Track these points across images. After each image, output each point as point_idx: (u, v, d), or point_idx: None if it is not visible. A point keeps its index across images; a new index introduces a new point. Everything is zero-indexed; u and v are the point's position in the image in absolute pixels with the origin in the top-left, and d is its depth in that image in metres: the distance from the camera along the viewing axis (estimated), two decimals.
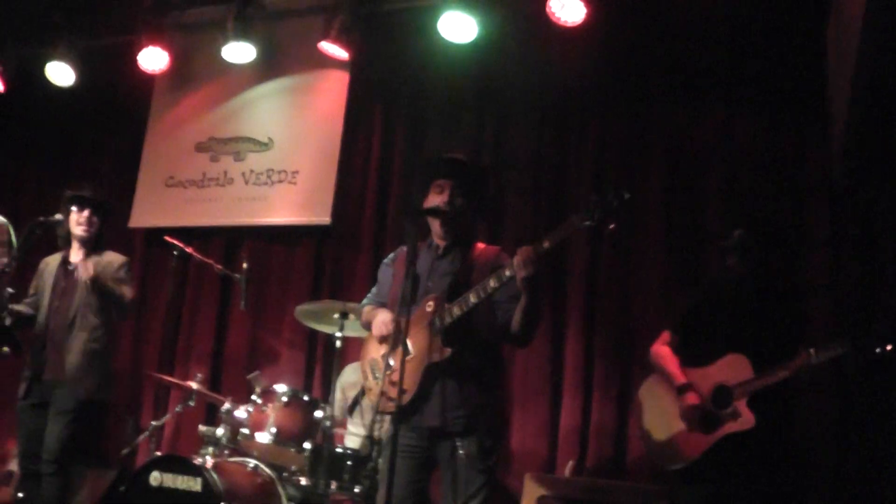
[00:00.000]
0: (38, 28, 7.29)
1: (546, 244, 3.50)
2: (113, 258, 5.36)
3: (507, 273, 3.56)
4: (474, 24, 5.88)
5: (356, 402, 5.46)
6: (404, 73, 6.51)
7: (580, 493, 4.89)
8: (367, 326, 4.18)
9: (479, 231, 4.33)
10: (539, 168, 6.07)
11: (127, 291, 5.26)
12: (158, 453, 5.43)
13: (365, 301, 4.30)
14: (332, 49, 6.40)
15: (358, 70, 6.61)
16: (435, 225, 3.95)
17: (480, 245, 4.01)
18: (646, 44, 5.88)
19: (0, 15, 7.33)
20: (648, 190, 5.71)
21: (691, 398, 4.06)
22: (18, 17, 7.36)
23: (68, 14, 7.21)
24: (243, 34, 6.62)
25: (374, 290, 4.28)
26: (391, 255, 4.23)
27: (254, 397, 5.22)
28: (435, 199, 3.92)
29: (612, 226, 3.40)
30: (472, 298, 3.65)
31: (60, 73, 7.19)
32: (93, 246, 5.30)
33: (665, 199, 5.68)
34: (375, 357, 3.97)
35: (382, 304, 4.12)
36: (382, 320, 3.89)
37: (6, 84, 7.43)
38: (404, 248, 4.08)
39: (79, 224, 5.24)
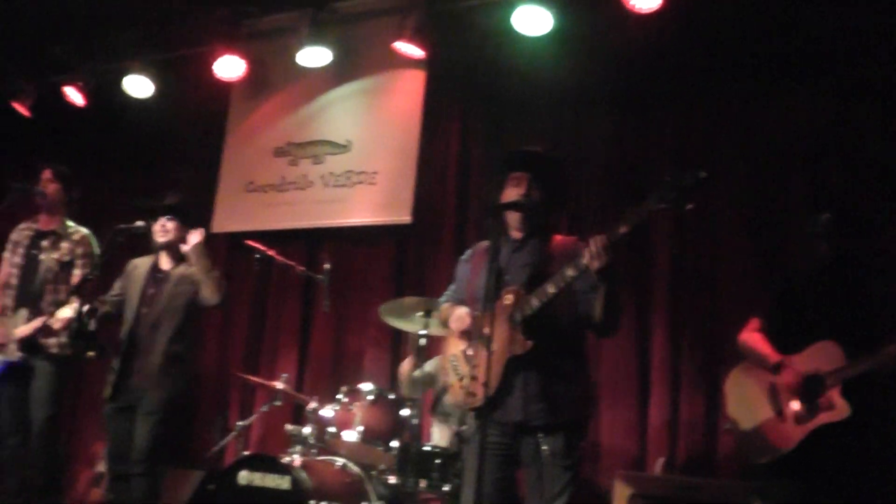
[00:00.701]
0: (115, 44, 7.54)
1: (621, 230, 3.46)
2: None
3: (584, 261, 3.53)
4: (549, 17, 5.89)
5: (438, 400, 5.49)
6: (480, 69, 6.53)
7: (671, 491, 4.83)
8: (445, 324, 4.21)
9: (559, 224, 4.33)
10: (619, 159, 6.05)
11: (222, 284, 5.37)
12: (246, 453, 5.53)
13: (443, 299, 4.33)
14: (408, 48, 6.47)
15: (434, 68, 6.65)
16: (512, 218, 3.95)
17: (558, 236, 4.00)
18: (724, 28, 5.79)
19: (79, 33, 7.62)
20: (732, 178, 5.64)
21: (788, 374, 3.99)
22: (96, 34, 7.61)
23: (144, 29, 7.44)
24: (318, 38, 6.75)
25: (451, 287, 4.30)
26: (468, 252, 4.24)
27: (339, 396, 5.28)
28: (512, 193, 3.91)
29: (689, 206, 3.35)
30: (551, 289, 3.63)
31: (138, 86, 7.44)
32: (179, 253, 5.44)
33: (748, 186, 5.60)
34: (456, 353, 3.99)
35: (461, 302, 4.13)
36: (459, 315, 3.91)
37: (87, 99, 7.70)
38: (482, 244, 4.13)
39: (158, 231, 5.40)
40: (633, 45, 5.98)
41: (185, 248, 5.30)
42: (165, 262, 5.45)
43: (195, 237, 5.29)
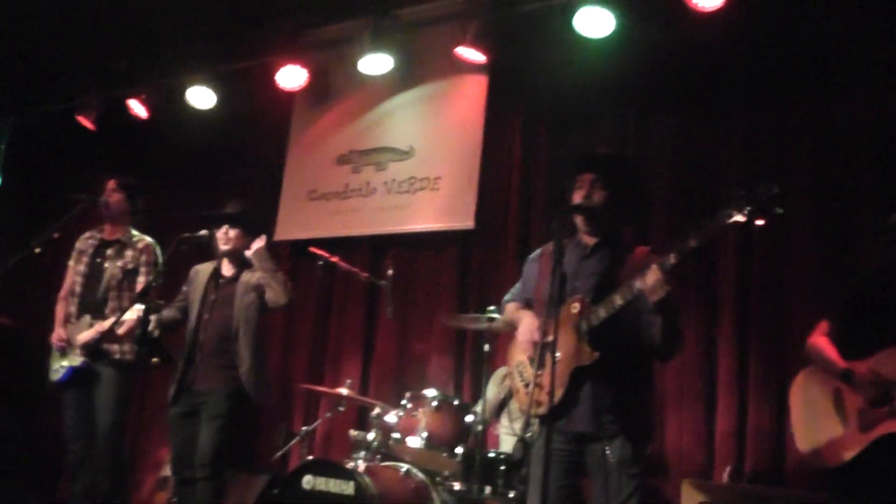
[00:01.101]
0: (178, 57, 7.70)
1: (672, 259, 3.41)
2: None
3: (637, 285, 3.50)
4: (611, 18, 5.86)
5: (503, 404, 5.48)
6: (543, 73, 6.50)
7: (739, 501, 4.76)
8: (512, 325, 4.18)
9: (627, 228, 4.26)
10: (685, 161, 5.95)
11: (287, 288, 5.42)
12: (311, 457, 5.56)
13: (508, 297, 4.30)
14: (469, 53, 6.48)
15: (496, 73, 6.66)
16: (579, 222, 3.91)
17: (639, 247, 3.95)
18: (790, 26, 5.66)
19: (142, 47, 7.80)
20: (800, 179, 5.51)
21: (855, 381, 3.88)
22: (159, 47, 7.79)
23: (207, 41, 7.58)
24: (379, 46, 6.80)
25: (517, 285, 4.28)
26: (537, 251, 4.20)
27: (404, 402, 5.29)
28: (576, 196, 3.88)
29: (760, 222, 3.27)
30: (618, 300, 3.58)
31: (201, 98, 7.59)
32: (242, 260, 5.49)
33: (817, 189, 5.46)
34: (522, 359, 3.96)
35: (527, 301, 4.12)
36: (528, 328, 3.87)
37: (150, 111, 7.86)
38: (548, 244, 4.09)
39: (220, 239, 5.47)
40: (696, 45, 5.89)
41: (248, 253, 5.37)
42: (227, 269, 5.53)
43: (258, 242, 5.36)
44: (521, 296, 4.20)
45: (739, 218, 3.28)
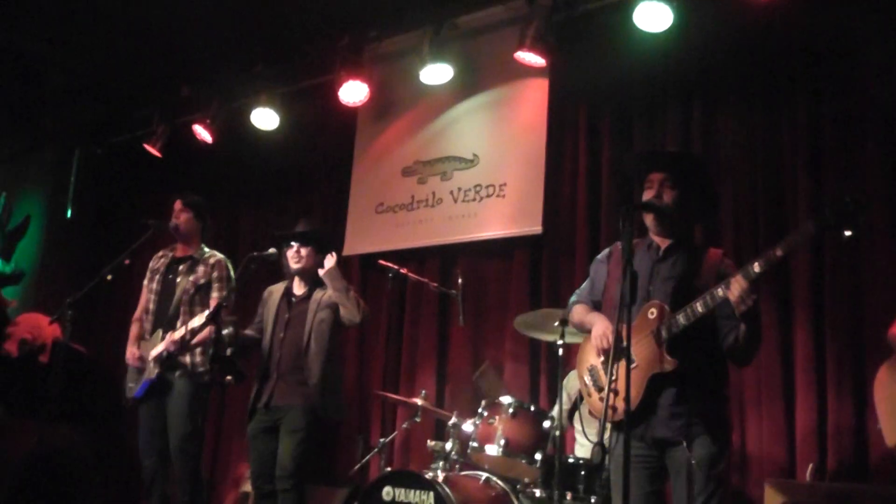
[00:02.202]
0: (239, 80, 7.86)
1: (756, 268, 3.41)
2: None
3: (720, 293, 3.49)
4: (669, 12, 5.82)
5: (574, 408, 5.44)
6: (604, 72, 6.48)
7: (823, 499, 4.66)
8: (579, 327, 4.17)
9: (698, 227, 4.21)
10: (750, 155, 5.84)
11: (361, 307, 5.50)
12: (389, 469, 5.58)
13: (574, 298, 4.29)
14: (529, 57, 6.49)
15: (557, 75, 6.66)
16: (649, 222, 3.90)
17: (712, 249, 3.92)
18: (854, 12, 5.52)
19: (203, 73, 8.00)
20: (871, 173, 5.38)
21: None
22: (220, 72, 7.97)
23: (267, 63, 7.71)
24: (440, 55, 6.86)
25: (584, 286, 4.27)
26: (605, 251, 4.19)
27: (480, 410, 5.29)
28: (645, 195, 3.87)
29: (848, 233, 3.23)
30: (700, 308, 3.57)
31: (265, 119, 7.71)
32: (313, 278, 5.57)
33: (889, 180, 5.33)
34: (595, 364, 3.95)
35: (595, 303, 4.12)
36: (602, 332, 3.85)
37: (214, 135, 8.04)
38: (618, 244, 4.05)
39: (291, 258, 5.58)
40: (756, 35, 5.82)
41: (321, 272, 5.43)
42: (299, 288, 5.64)
43: (329, 262, 5.42)
44: (588, 297, 4.19)
45: (827, 229, 3.26)
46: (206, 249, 6.16)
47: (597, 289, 4.12)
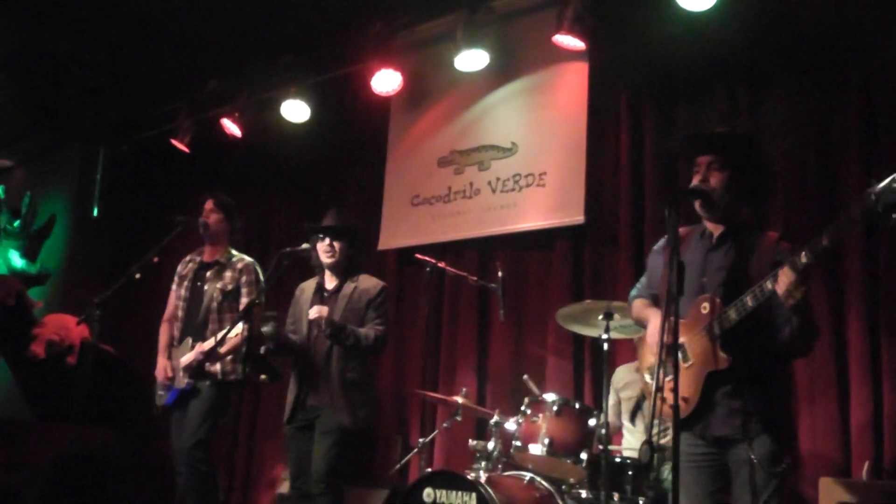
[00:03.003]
0: (269, 72, 7.91)
1: (803, 258, 3.35)
2: (369, 285, 5.62)
3: (769, 286, 3.45)
4: None
5: (638, 407, 5.42)
6: (646, 54, 6.41)
7: (880, 498, 4.56)
8: (640, 323, 4.15)
9: (749, 212, 4.12)
10: (800, 136, 5.75)
11: (371, 331, 5.43)
12: (430, 470, 5.58)
13: (634, 293, 4.27)
14: (568, 41, 6.46)
15: (596, 58, 6.62)
16: (698, 208, 3.85)
17: (771, 233, 3.87)
18: None
19: (231, 65, 8.06)
20: None
21: None
22: (248, 64, 8.03)
23: (296, 53, 7.77)
24: (474, 41, 6.84)
25: (643, 279, 4.25)
26: (662, 241, 4.14)
27: (523, 408, 5.27)
28: (694, 179, 3.82)
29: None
30: (750, 303, 3.53)
31: (295, 111, 7.76)
32: (345, 271, 5.58)
33: None
34: (654, 362, 3.87)
35: (654, 297, 4.10)
36: (655, 329, 3.82)
37: (243, 129, 8.08)
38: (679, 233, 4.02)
39: (323, 252, 5.57)
40: (806, 11, 5.72)
41: (313, 315, 5.44)
42: (330, 281, 5.65)
43: (315, 313, 5.42)
44: (647, 291, 4.17)
45: (872, 214, 3.17)
46: (234, 253, 6.21)
47: (654, 281, 4.09)
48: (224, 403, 5.94)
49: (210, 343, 5.66)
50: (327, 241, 5.55)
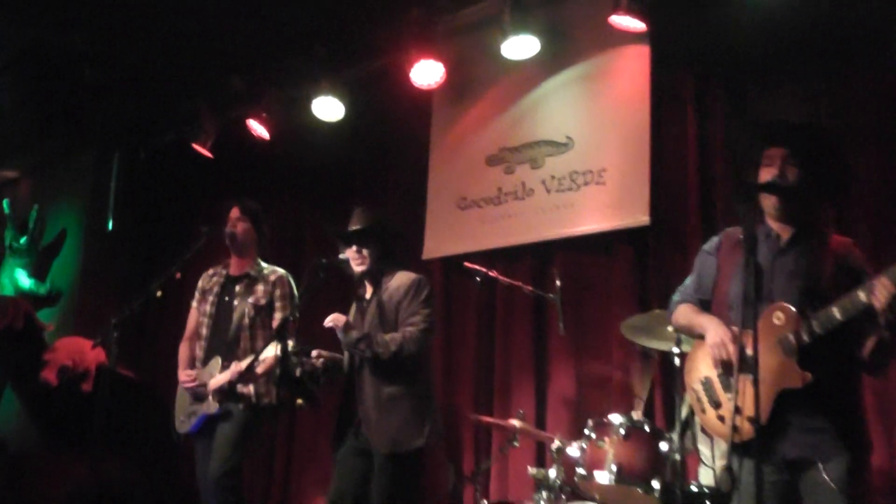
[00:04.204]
0: (297, 66, 7.98)
1: None
2: (401, 281, 5.46)
3: (863, 298, 3.46)
4: None
5: (686, 426, 5.42)
6: (714, 34, 6.40)
7: None
8: (686, 331, 4.20)
9: (829, 213, 4.14)
10: (887, 126, 5.72)
11: (399, 334, 5.26)
12: (485, 501, 5.63)
13: (677, 297, 4.30)
14: (626, 21, 6.51)
15: (658, 40, 6.65)
16: (769, 206, 3.89)
17: (836, 237, 3.90)
18: None
19: (256, 61, 8.15)
20: None
21: None
22: (275, 59, 8.11)
23: (328, 45, 7.81)
24: (522, 26, 6.88)
25: (688, 282, 4.27)
26: (713, 241, 4.19)
27: (587, 431, 5.29)
28: (765, 174, 3.86)
29: None
30: (838, 315, 3.54)
31: (328, 108, 7.85)
32: (379, 276, 5.54)
33: None
34: (709, 376, 3.95)
35: (703, 302, 4.12)
36: (720, 340, 3.83)
37: (272, 130, 8.20)
38: (731, 232, 4.07)
39: (353, 261, 5.48)
40: None
41: (328, 323, 5.36)
42: (368, 290, 5.58)
43: (332, 322, 5.32)
44: (694, 295, 4.19)
45: None
46: (264, 265, 6.28)
47: (704, 285, 4.12)
48: (257, 429, 6.00)
49: (247, 362, 5.66)
50: (354, 247, 5.48)
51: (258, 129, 8.24)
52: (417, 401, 5.35)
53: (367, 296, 5.55)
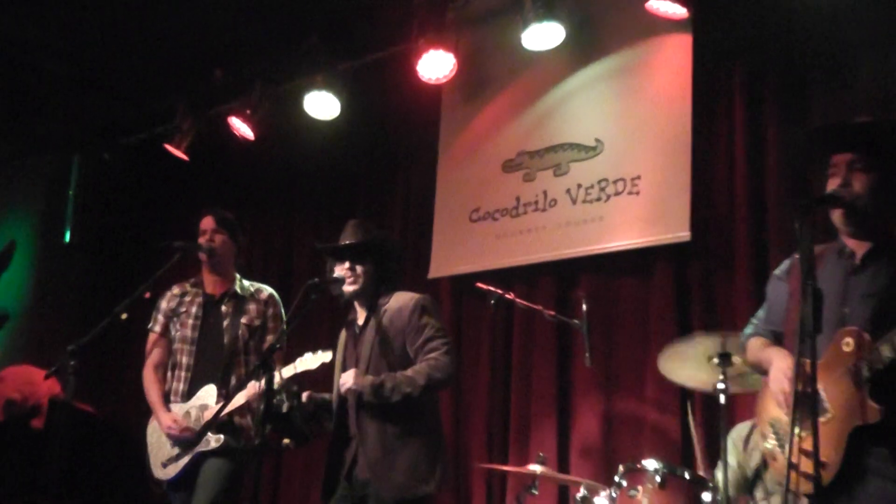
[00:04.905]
0: (288, 58, 8.00)
1: None
2: (400, 303, 5.41)
3: None
4: None
5: (757, 476, 5.41)
6: (767, 20, 6.43)
7: None
8: (756, 368, 4.18)
9: None
10: None
11: (424, 366, 5.19)
12: None
13: (749, 330, 4.30)
14: (665, 6, 6.55)
15: (703, 28, 6.66)
16: (837, 221, 3.87)
17: None
18: None
19: (241, 51, 8.17)
20: None
21: None
22: (263, 49, 8.15)
23: (325, 34, 7.82)
24: (546, 12, 6.90)
25: (760, 313, 4.27)
26: (785, 264, 4.18)
27: (617, 478, 5.27)
28: (830, 184, 3.84)
29: None
30: None
31: (322, 105, 7.88)
32: (374, 298, 5.48)
33: None
34: (778, 416, 3.93)
35: (775, 334, 4.11)
36: (782, 373, 3.83)
37: (257, 130, 8.21)
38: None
39: (346, 279, 5.42)
40: None
41: (342, 387, 5.30)
42: (360, 315, 5.52)
43: (347, 379, 5.23)
44: (765, 327, 4.19)
45: None
46: (247, 282, 6.30)
47: (775, 315, 4.12)
48: (242, 471, 5.98)
49: (250, 392, 5.65)
50: (347, 263, 5.42)
51: (242, 128, 8.26)
52: (428, 440, 5.30)
53: (361, 321, 5.50)
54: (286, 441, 5.54)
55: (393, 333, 5.31)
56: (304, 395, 5.37)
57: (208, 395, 5.96)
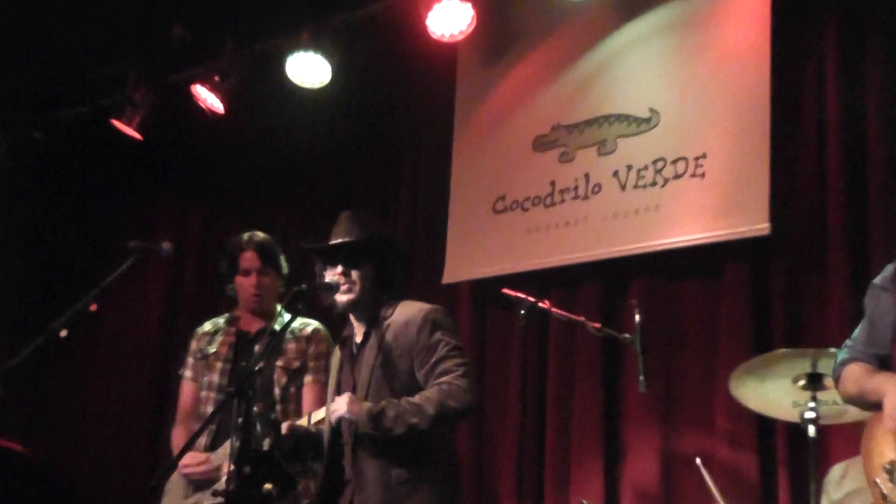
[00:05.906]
0: (267, 10, 8.02)
1: None
2: (406, 316, 5.36)
3: None
4: None
5: None
6: None
7: None
8: (858, 401, 4.16)
9: None
10: None
11: (435, 392, 5.11)
12: None
13: (844, 354, 4.27)
14: None
15: None
16: None
17: None
18: None
19: (211, 4, 8.20)
20: None
21: None
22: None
23: None
24: None
25: (857, 334, 4.25)
26: (888, 270, 4.17)
27: None
28: None
29: None
30: None
31: (308, 69, 7.86)
32: (374, 309, 5.47)
33: None
34: (894, 457, 3.91)
35: (881, 358, 4.10)
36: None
37: (228, 101, 8.21)
38: None
39: (341, 286, 5.39)
40: None
41: (333, 414, 5.29)
42: (358, 331, 5.51)
43: (340, 404, 5.20)
44: (866, 349, 4.17)
45: None
46: (288, 315, 6.19)
47: (879, 334, 4.11)
48: None
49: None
50: (340, 267, 5.38)
51: (209, 98, 8.25)
52: (440, 486, 5.25)
53: (359, 338, 5.47)
54: (268, 486, 5.52)
55: (398, 353, 5.25)
56: (284, 426, 5.33)
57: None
